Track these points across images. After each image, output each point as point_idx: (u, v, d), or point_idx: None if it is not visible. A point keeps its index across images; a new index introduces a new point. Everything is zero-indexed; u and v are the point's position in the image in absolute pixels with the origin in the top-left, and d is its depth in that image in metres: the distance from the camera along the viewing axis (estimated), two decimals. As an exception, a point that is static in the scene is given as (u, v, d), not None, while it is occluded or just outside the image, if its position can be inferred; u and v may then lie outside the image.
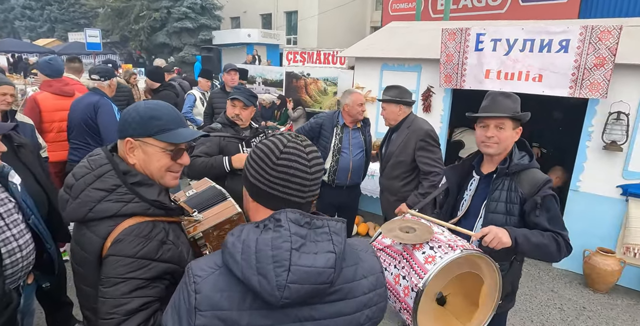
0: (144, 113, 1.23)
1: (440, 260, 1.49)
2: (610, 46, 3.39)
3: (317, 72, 8.11)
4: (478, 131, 1.86)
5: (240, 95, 2.72)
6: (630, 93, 3.53)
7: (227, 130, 2.74)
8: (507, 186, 1.81)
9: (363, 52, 5.04)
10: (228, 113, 2.77)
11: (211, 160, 2.58)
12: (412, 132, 3.01)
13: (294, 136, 1.02)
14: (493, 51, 3.93)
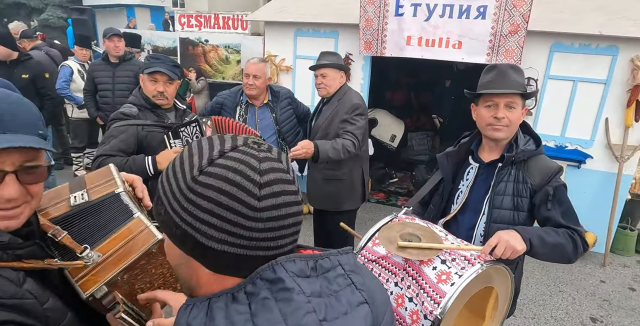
0: None
1: (458, 280, 1.24)
2: (523, 13, 3.45)
3: (216, 38, 7.32)
4: (482, 111, 1.58)
5: (162, 67, 2.11)
6: (538, 60, 3.70)
7: (145, 116, 2.13)
8: (513, 177, 1.57)
9: (273, 16, 4.55)
10: (147, 91, 2.15)
11: (129, 162, 1.97)
12: (341, 105, 2.71)
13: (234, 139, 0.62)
14: (414, 16, 3.79)
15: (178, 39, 7.56)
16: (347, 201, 2.84)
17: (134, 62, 4.23)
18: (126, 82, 4.14)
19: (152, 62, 2.16)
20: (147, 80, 2.14)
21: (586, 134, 3.78)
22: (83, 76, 4.91)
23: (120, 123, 2.05)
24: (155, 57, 2.23)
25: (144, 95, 2.17)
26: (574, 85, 3.69)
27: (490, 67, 1.61)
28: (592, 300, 3.28)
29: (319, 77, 2.72)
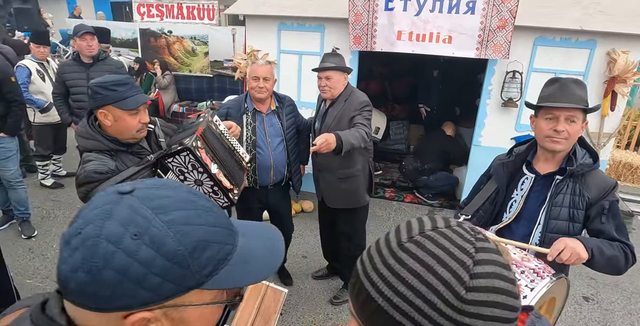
0: None
1: (531, 293, 1.26)
2: (511, 8, 3.55)
3: (181, 29, 6.94)
4: (542, 123, 1.61)
5: (138, 94, 1.74)
6: (523, 53, 3.84)
7: (121, 160, 1.76)
8: (571, 189, 1.63)
9: (255, 9, 4.37)
10: (128, 127, 1.74)
11: None
12: (348, 104, 2.69)
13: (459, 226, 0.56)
14: (404, 11, 3.78)
15: (138, 30, 7.09)
16: (363, 195, 2.90)
17: (109, 61, 3.87)
18: None
19: (121, 91, 1.69)
20: (127, 115, 1.71)
21: (566, 123, 4.00)
22: (43, 76, 4.48)
23: (103, 188, 1.62)
24: (120, 83, 1.71)
25: (109, 137, 1.73)
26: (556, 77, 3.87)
27: (553, 80, 1.65)
28: (580, 279, 3.54)
29: (323, 80, 2.67)
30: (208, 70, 7.07)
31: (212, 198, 1.91)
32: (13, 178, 3.64)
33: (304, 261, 3.65)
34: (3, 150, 3.55)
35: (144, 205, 0.56)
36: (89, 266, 0.52)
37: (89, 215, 0.56)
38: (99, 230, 0.53)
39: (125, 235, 0.53)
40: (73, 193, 4.71)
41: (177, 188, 0.62)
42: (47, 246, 3.69)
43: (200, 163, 1.77)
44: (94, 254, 0.52)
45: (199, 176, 1.82)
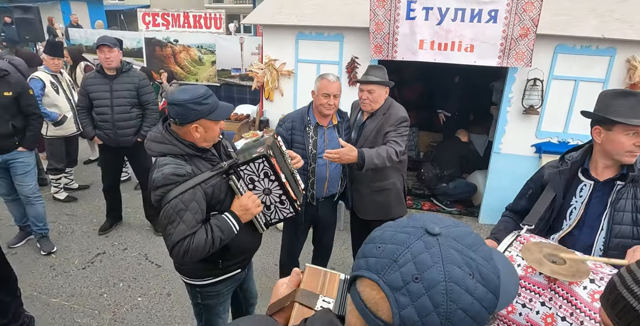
0: None
1: None
2: (533, 17, 3.58)
3: (187, 38, 6.92)
4: (623, 138, 1.59)
5: (218, 102, 1.78)
6: (543, 61, 3.87)
7: (196, 165, 1.78)
8: (632, 194, 1.64)
9: (272, 19, 4.35)
10: (213, 135, 1.80)
11: (214, 232, 1.71)
12: (386, 118, 2.69)
13: None
14: (425, 20, 3.79)
15: (143, 39, 7.04)
16: (396, 207, 2.90)
17: (132, 73, 3.78)
18: (126, 96, 3.67)
19: (211, 104, 1.74)
20: (215, 126, 1.78)
21: (586, 130, 3.95)
22: (57, 89, 4.40)
23: (180, 190, 1.66)
24: (207, 95, 1.74)
25: (186, 142, 1.76)
26: (576, 84, 3.92)
27: (626, 93, 1.64)
28: None
29: (365, 93, 2.66)
30: (215, 79, 7.04)
31: (278, 208, 1.92)
32: (31, 193, 3.56)
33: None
34: (22, 165, 3.47)
35: (461, 243, 0.59)
36: (444, 310, 0.54)
37: (420, 260, 0.56)
38: (443, 276, 0.55)
39: (466, 276, 0.56)
40: (88, 207, 4.62)
41: (462, 225, 0.65)
42: (68, 262, 3.60)
43: (273, 171, 1.81)
44: (447, 298, 0.55)
45: (269, 184, 1.85)
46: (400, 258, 0.57)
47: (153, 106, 3.86)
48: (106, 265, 3.59)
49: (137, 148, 3.75)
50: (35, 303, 3.08)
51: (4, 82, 3.30)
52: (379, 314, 0.57)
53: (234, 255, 1.93)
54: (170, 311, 3.07)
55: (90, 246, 3.87)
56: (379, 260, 0.59)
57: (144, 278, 3.42)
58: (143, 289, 3.29)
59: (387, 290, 0.56)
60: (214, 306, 2.04)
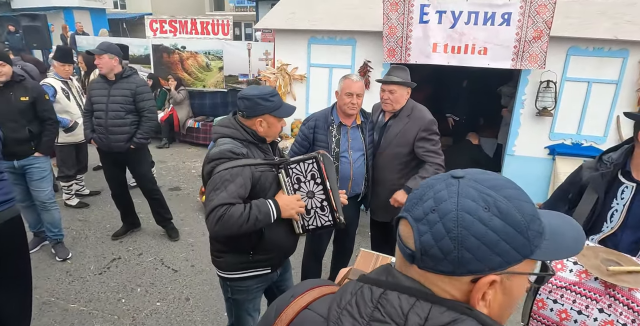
0: None
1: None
2: (546, 19, 3.61)
3: (195, 45, 6.96)
4: None
5: (282, 101, 1.92)
6: (556, 63, 3.90)
7: (252, 152, 1.87)
8: None
9: (285, 24, 4.38)
10: (275, 131, 1.95)
11: (253, 210, 1.73)
12: (413, 121, 2.69)
13: None
14: (439, 23, 3.83)
15: (150, 45, 7.07)
16: None
17: (132, 79, 3.64)
18: (120, 101, 3.59)
19: (276, 102, 1.88)
20: (277, 122, 1.92)
21: (600, 131, 4.06)
22: (68, 95, 4.41)
23: (232, 164, 1.74)
24: (274, 93, 1.89)
25: (249, 129, 1.87)
26: (589, 86, 3.94)
27: None
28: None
29: (387, 93, 2.68)
30: (222, 85, 7.06)
31: (318, 214, 1.93)
32: (47, 198, 3.54)
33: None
34: (38, 170, 3.45)
35: (482, 185, 0.65)
36: (455, 235, 0.61)
37: (438, 196, 0.65)
38: (456, 206, 0.63)
39: (479, 208, 0.62)
40: (100, 213, 4.60)
41: (495, 174, 0.70)
42: (84, 268, 3.57)
43: (320, 174, 1.85)
44: (458, 224, 0.61)
45: (314, 187, 1.88)
46: (424, 197, 0.66)
47: (149, 114, 3.70)
48: (122, 270, 3.56)
49: (131, 155, 3.74)
50: (53, 308, 3.05)
51: (20, 87, 3.31)
52: (408, 244, 0.66)
53: (266, 248, 1.93)
54: (190, 315, 3.04)
55: (105, 251, 3.84)
56: (410, 201, 0.69)
57: (162, 283, 3.39)
58: (161, 294, 3.26)
59: (412, 222, 0.65)
60: (243, 303, 2.04)
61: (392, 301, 0.64)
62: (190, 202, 5.03)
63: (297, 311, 0.76)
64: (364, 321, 0.65)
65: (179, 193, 5.29)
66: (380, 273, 0.71)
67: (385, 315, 0.63)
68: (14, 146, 3.25)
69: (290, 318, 0.76)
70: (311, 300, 0.77)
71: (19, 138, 3.29)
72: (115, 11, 17.48)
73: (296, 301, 0.77)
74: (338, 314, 0.68)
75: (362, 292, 0.68)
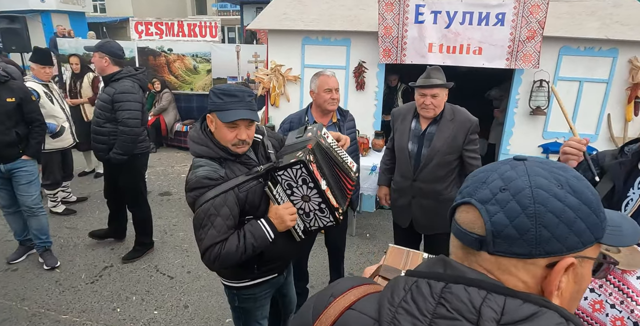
0: None
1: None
2: (539, 19, 3.67)
3: (181, 47, 6.85)
4: None
5: (244, 110, 1.63)
6: (549, 62, 3.96)
7: (231, 169, 1.69)
8: None
9: (278, 24, 4.33)
10: (225, 139, 1.67)
11: (247, 239, 1.63)
12: (460, 124, 2.50)
13: None
14: (434, 24, 3.84)
15: (136, 48, 6.91)
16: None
17: (117, 84, 3.23)
18: (100, 108, 3.28)
19: (225, 102, 1.62)
20: (224, 127, 1.64)
21: (591, 129, 4.13)
22: (51, 99, 4.24)
23: (213, 194, 1.59)
24: (228, 93, 1.63)
25: (219, 145, 1.68)
26: (580, 85, 4.01)
27: None
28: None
29: (428, 97, 2.43)
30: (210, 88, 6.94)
31: (317, 216, 1.82)
32: (34, 203, 3.39)
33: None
34: (26, 174, 3.30)
35: (548, 165, 0.63)
36: (532, 211, 0.57)
37: (506, 176, 0.61)
38: (529, 183, 0.59)
39: (552, 185, 0.59)
40: (88, 220, 4.44)
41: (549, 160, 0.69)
42: (74, 277, 3.41)
43: (311, 178, 1.70)
44: (534, 201, 0.58)
45: (308, 192, 1.75)
46: (488, 179, 0.63)
47: (122, 126, 3.22)
48: (115, 278, 3.42)
49: (114, 167, 3.43)
50: (44, 320, 2.90)
51: (6, 88, 3.17)
52: (474, 230, 0.62)
53: (270, 262, 1.85)
54: (190, 323, 2.93)
55: (95, 259, 3.69)
56: (470, 185, 0.65)
57: (158, 291, 3.27)
58: (158, 302, 3.14)
59: (478, 205, 0.61)
60: (252, 311, 1.96)
61: (459, 295, 0.58)
62: (182, 207, 4.90)
63: (340, 312, 0.70)
64: (426, 319, 0.59)
65: (170, 198, 5.15)
66: (435, 265, 0.66)
67: (453, 311, 0.57)
68: (1, 149, 3.10)
69: (332, 320, 0.70)
70: (355, 300, 0.71)
71: (6, 141, 3.15)
72: (95, 15, 17.12)
73: (337, 302, 0.72)
74: (392, 313, 0.62)
75: (419, 287, 0.63)
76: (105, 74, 3.32)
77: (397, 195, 2.74)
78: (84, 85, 5.14)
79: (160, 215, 4.60)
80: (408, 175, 2.62)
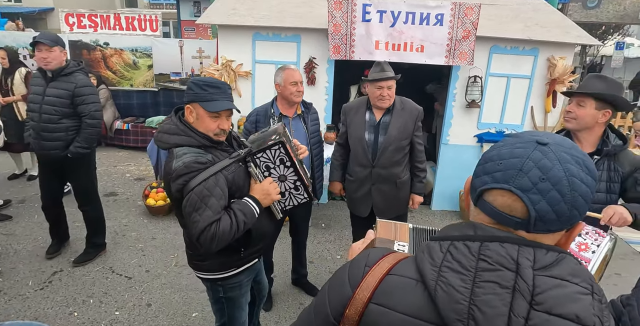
0: None
1: (598, 248, 1.51)
2: (473, 21, 4.04)
3: (119, 41, 6.52)
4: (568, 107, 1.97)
5: (227, 101, 1.76)
6: (481, 60, 4.36)
7: (214, 154, 1.77)
8: (606, 166, 1.92)
9: (228, 20, 4.32)
10: (207, 128, 1.75)
11: (238, 217, 1.71)
12: (409, 113, 2.75)
13: None
14: (380, 22, 4.07)
15: (67, 41, 6.45)
16: (407, 199, 2.95)
17: (73, 77, 3.14)
18: (55, 104, 3.12)
19: (210, 93, 1.72)
20: (207, 117, 1.73)
21: (517, 120, 4.62)
22: None
23: (204, 176, 1.66)
24: (212, 85, 1.74)
25: (201, 134, 1.75)
26: (508, 80, 4.47)
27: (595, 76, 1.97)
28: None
29: (385, 89, 2.65)
30: (152, 84, 6.71)
31: (292, 194, 1.95)
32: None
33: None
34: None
35: (566, 147, 0.72)
36: (569, 198, 0.68)
37: (542, 165, 0.69)
38: (564, 172, 0.69)
39: (579, 170, 0.70)
40: (27, 224, 4.15)
41: (553, 133, 0.81)
42: (20, 285, 3.20)
43: (288, 157, 1.85)
44: (571, 189, 0.68)
45: (285, 171, 1.90)
46: (524, 167, 0.69)
47: (89, 119, 3.19)
48: (67, 283, 3.26)
49: (69, 165, 3.30)
50: (-8, 331, 2.71)
51: None
52: (513, 213, 0.70)
53: (256, 242, 1.93)
54: (155, 321, 2.90)
55: (42, 265, 3.48)
56: (505, 172, 0.71)
57: (117, 292, 3.17)
58: (118, 303, 3.06)
59: (519, 193, 0.69)
60: (238, 298, 2.02)
61: (498, 251, 0.69)
62: (131, 207, 4.73)
63: (380, 279, 0.77)
64: (471, 273, 0.68)
65: (117, 199, 4.94)
66: (465, 229, 0.76)
67: (495, 264, 0.68)
68: None
69: (374, 286, 0.76)
70: (390, 267, 0.78)
71: None
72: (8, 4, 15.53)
73: (374, 270, 0.78)
74: (437, 272, 0.71)
75: (457, 248, 0.72)
76: (57, 68, 3.12)
77: (357, 185, 2.88)
78: (16, 82, 4.73)
79: (109, 216, 4.39)
80: (367, 163, 2.79)
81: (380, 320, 0.74)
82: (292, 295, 3.28)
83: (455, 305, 0.67)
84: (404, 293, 0.74)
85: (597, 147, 2.00)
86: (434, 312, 0.69)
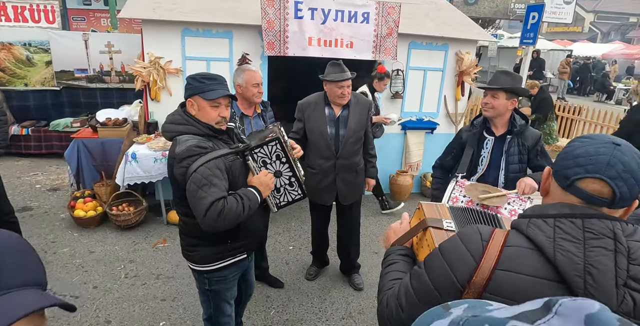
0: None
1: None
2: (395, 19, 4.41)
3: (8, 34, 5.71)
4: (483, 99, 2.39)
5: (226, 89, 1.88)
6: (402, 54, 4.77)
7: (216, 145, 1.87)
8: (516, 142, 2.36)
9: (153, 14, 4.09)
10: (209, 117, 1.86)
11: (244, 200, 1.79)
12: (362, 106, 3.00)
13: None
14: (312, 19, 4.22)
15: (-64, 35, 5.47)
16: (363, 183, 3.24)
17: None
18: None
19: (209, 84, 1.84)
20: (209, 106, 1.85)
21: (434, 108, 5.18)
22: None
23: (206, 158, 1.75)
24: (208, 76, 1.88)
25: (203, 123, 1.86)
26: (425, 73, 4.97)
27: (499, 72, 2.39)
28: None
29: (345, 88, 2.84)
30: (53, 83, 6.02)
31: (287, 190, 2.06)
32: None
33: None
34: None
35: (633, 148, 0.94)
36: (638, 182, 0.91)
37: (624, 160, 0.90)
38: (637, 166, 0.91)
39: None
40: None
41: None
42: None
43: (285, 154, 1.97)
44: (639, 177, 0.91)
45: (280, 167, 2.01)
46: (611, 161, 0.91)
47: (1, 117, 3.18)
48: (3, 312, 2.90)
49: None
50: None
51: None
52: (602, 195, 0.92)
53: (244, 235, 2.00)
54: (122, 336, 2.77)
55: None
56: (596, 165, 0.92)
57: (66, 314, 2.91)
58: (72, 325, 2.83)
59: (609, 180, 0.91)
60: (222, 292, 2.09)
61: (598, 224, 0.91)
62: (54, 221, 4.29)
63: (499, 250, 0.94)
64: (580, 242, 0.90)
65: (32, 213, 4.43)
66: (560, 208, 0.96)
67: (598, 234, 0.90)
68: None
69: (496, 256, 0.94)
70: (504, 239, 0.96)
71: None
72: None
73: (492, 243, 0.96)
74: (552, 242, 0.91)
75: (564, 224, 0.93)
76: None
77: (320, 177, 3.04)
78: None
79: (30, 233, 3.96)
80: (330, 155, 2.98)
81: (505, 284, 0.92)
82: (257, 289, 3.35)
83: (574, 265, 0.88)
84: (524, 259, 0.93)
85: (507, 128, 2.44)
86: (552, 271, 0.90)
